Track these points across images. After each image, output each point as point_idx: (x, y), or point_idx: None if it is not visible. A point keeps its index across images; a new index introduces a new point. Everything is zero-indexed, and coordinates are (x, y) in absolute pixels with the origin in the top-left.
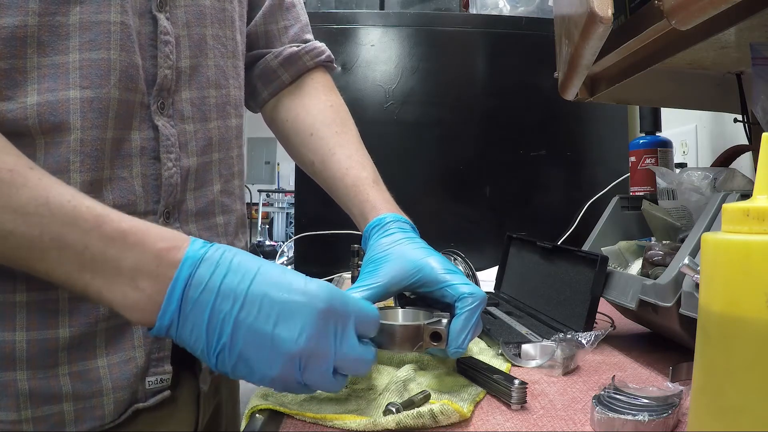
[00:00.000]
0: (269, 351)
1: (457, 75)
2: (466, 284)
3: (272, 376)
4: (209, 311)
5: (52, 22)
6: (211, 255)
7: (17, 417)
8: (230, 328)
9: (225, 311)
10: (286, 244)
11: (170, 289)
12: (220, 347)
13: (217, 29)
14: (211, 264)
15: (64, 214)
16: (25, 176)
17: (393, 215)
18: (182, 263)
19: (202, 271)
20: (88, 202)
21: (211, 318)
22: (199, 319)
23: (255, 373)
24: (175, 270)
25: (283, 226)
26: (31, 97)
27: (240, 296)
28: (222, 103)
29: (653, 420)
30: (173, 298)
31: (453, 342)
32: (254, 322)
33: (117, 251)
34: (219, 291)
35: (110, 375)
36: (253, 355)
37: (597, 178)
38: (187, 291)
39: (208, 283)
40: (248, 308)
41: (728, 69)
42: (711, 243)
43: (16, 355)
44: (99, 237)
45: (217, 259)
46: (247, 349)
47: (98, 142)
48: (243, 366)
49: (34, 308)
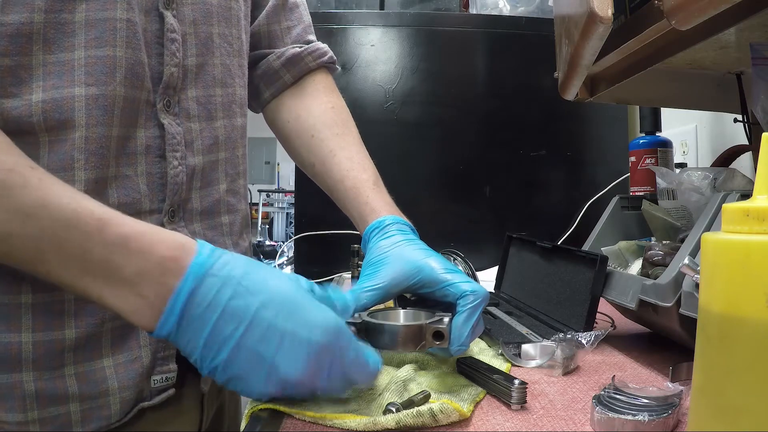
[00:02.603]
0: (265, 374)
1: (457, 75)
2: (467, 282)
3: (264, 393)
4: (210, 329)
5: (58, 19)
6: (218, 271)
7: (24, 418)
8: (230, 348)
9: (227, 333)
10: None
11: (172, 300)
12: (216, 364)
13: (224, 28)
14: (217, 281)
15: (63, 216)
16: (25, 176)
17: (393, 217)
18: (186, 275)
19: (206, 288)
20: (89, 204)
21: (210, 336)
22: (197, 335)
23: (246, 390)
24: (179, 280)
25: (283, 226)
26: (36, 94)
27: (245, 320)
28: (228, 102)
29: (653, 420)
30: (174, 310)
31: (455, 340)
32: (256, 347)
33: (119, 257)
34: (223, 312)
35: (116, 375)
36: (248, 376)
37: (597, 178)
38: (189, 306)
39: (212, 302)
40: (251, 332)
41: (728, 69)
42: (711, 243)
43: (23, 357)
44: (100, 241)
45: (224, 277)
46: (244, 369)
47: (103, 140)
48: (235, 382)
49: (39, 310)
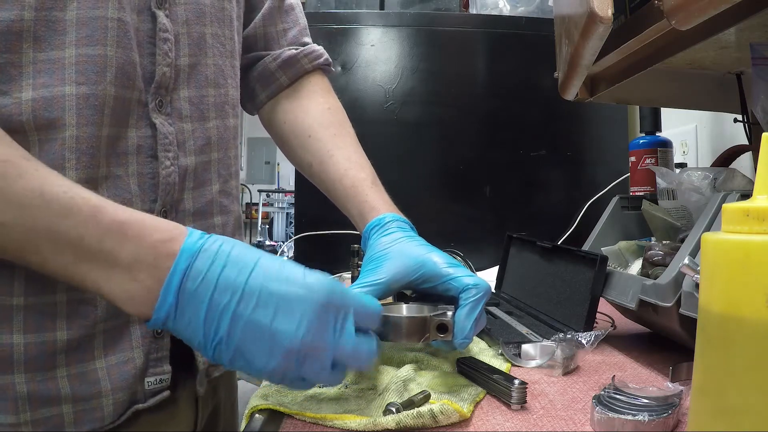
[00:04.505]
0: (267, 344)
1: (457, 75)
2: (469, 276)
3: (270, 369)
4: (207, 304)
5: (49, 16)
6: (209, 246)
7: (16, 420)
8: (228, 321)
9: (223, 304)
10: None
11: (167, 280)
12: (218, 340)
13: (217, 28)
14: (209, 255)
15: (59, 205)
16: (20, 167)
17: (392, 215)
18: (179, 254)
19: (199, 263)
20: (84, 193)
21: (208, 311)
22: (196, 312)
23: (252, 366)
24: (173, 261)
25: (283, 226)
26: (25, 92)
27: (238, 289)
28: (221, 102)
29: (653, 420)
30: (170, 289)
31: (459, 333)
32: (252, 315)
33: (114, 243)
34: (217, 283)
35: (109, 376)
36: (251, 348)
37: (597, 178)
38: (185, 283)
39: (205, 276)
40: (246, 301)
41: (728, 69)
42: (711, 243)
43: (14, 358)
44: (95, 228)
45: (215, 251)
46: (245, 342)
47: (93, 140)
48: (240, 359)
49: (31, 311)
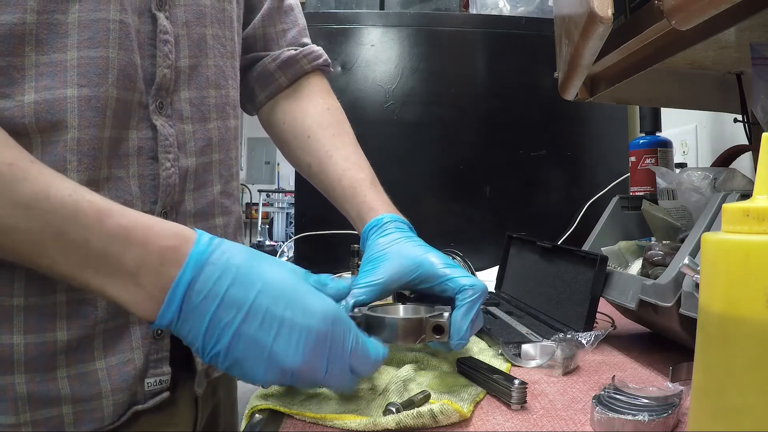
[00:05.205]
0: (265, 362)
1: (457, 75)
2: (466, 277)
3: (264, 380)
4: (209, 318)
5: (51, 19)
6: (217, 259)
7: (16, 420)
8: (229, 336)
9: (226, 320)
10: (286, 244)
11: (172, 290)
12: (216, 351)
13: (217, 29)
14: (215, 269)
15: (65, 209)
16: (26, 170)
17: (391, 216)
18: (185, 265)
19: (205, 277)
20: (89, 196)
21: (210, 325)
22: (197, 324)
23: (247, 376)
24: (179, 270)
25: (283, 226)
26: (28, 95)
27: (243, 307)
28: (221, 103)
29: (653, 420)
30: (174, 300)
31: (455, 334)
32: (255, 334)
33: (119, 248)
34: (222, 300)
35: (109, 377)
36: (249, 363)
37: (597, 178)
38: (189, 295)
39: (211, 291)
40: (251, 320)
41: (728, 69)
42: (711, 243)
43: (14, 359)
44: (100, 233)
45: (223, 265)
46: (244, 356)
47: (95, 142)
48: (236, 368)
49: (31, 312)
